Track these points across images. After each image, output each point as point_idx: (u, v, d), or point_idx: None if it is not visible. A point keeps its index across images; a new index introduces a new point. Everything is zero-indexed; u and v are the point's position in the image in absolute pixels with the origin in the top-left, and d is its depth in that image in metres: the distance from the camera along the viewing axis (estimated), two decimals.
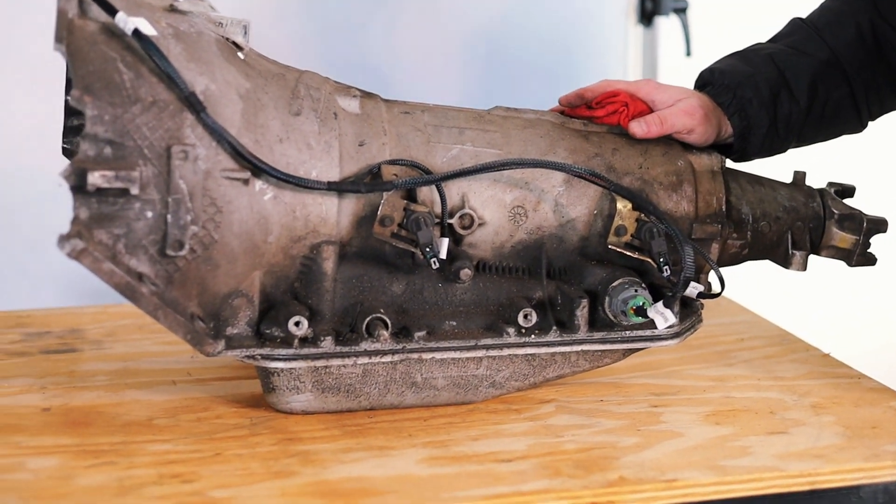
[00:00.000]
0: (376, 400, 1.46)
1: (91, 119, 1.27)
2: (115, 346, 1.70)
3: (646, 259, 1.49)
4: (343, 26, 2.37)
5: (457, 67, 2.46)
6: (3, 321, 1.81)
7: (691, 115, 1.57)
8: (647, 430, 1.43)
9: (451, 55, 2.45)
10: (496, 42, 2.45)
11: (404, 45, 2.42)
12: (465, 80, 2.45)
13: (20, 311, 1.84)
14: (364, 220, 1.42)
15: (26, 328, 1.77)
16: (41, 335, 1.74)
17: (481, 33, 2.44)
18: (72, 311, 1.86)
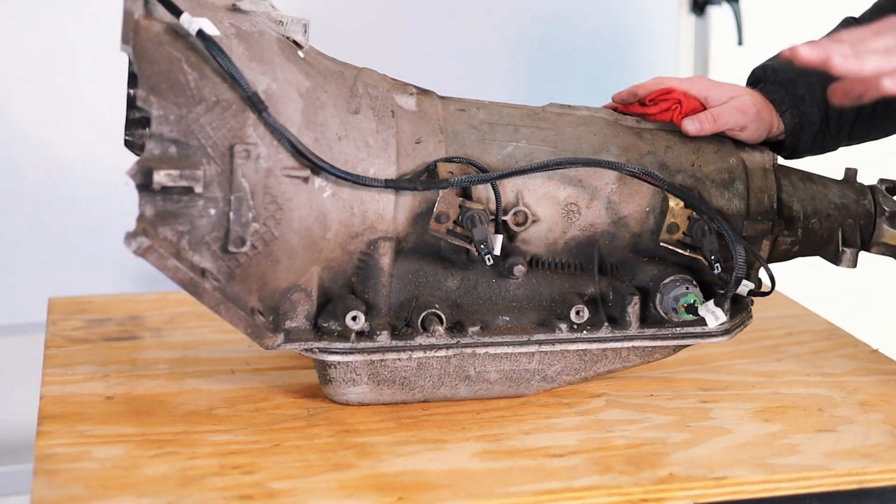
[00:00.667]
0: (430, 392, 1.49)
1: (157, 119, 1.30)
2: (174, 333, 1.74)
3: (697, 257, 1.51)
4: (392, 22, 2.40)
5: (507, 59, 2.47)
6: (66, 307, 1.86)
7: (744, 113, 1.58)
8: (696, 426, 1.45)
9: (501, 46, 2.47)
10: (546, 33, 2.46)
11: (453, 39, 2.44)
12: (516, 71, 2.46)
13: (82, 297, 1.89)
14: (420, 216, 1.45)
15: (88, 314, 1.82)
16: (102, 322, 1.79)
17: (532, 24, 2.45)
18: (131, 298, 1.90)
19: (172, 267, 1.31)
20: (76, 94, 2.22)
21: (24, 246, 2.26)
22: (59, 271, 2.26)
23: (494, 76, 2.46)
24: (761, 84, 1.65)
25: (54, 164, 2.25)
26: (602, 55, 2.49)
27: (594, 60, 2.49)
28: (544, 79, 2.46)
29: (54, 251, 2.27)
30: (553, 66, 2.47)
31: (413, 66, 2.32)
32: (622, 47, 2.51)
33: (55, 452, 1.35)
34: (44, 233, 2.26)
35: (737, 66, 1.77)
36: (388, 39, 2.40)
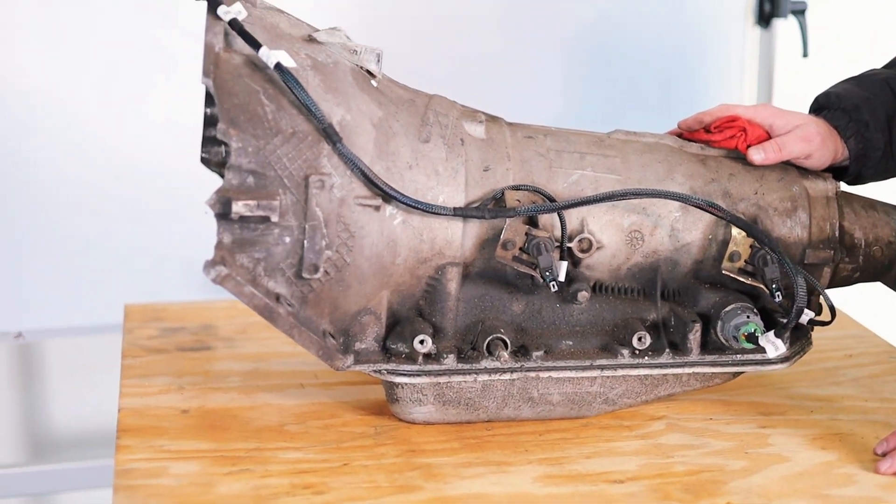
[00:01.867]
0: (494, 413, 1.53)
1: (236, 151, 1.35)
2: (246, 344, 1.79)
3: (758, 285, 1.54)
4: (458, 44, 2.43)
5: (570, 73, 2.49)
6: (141, 314, 1.92)
7: (809, 142, 1.60)
8: (754, 452, 1.48)
9: (564, 60, 2.49)
10: (609, 45, 2.48)
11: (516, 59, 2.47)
12: (579, 83, 2.49)
13: (156, 305, 1.95)
14: (487, 242, 1.49)
15: (162, 322, 1.88)
16: (176, 331, 1.84)
17: (594, 36, 2.47)
18: (205, 306, 1.95)
19: (248, 293, 1.36)
20: (154, 100, 2.27)
21: (99, 249, 2.32)
22: (133, 274, 2.33)
23: (557, 91, 2.49)
24: (825, 111, 1.67)
25: (130, 168, 2.31)
26: (666, 68, 2.51)
27: (658, 74, 2.50)
28: (608, 93, 2.48)
29: (129, 254, 2.33)
30: (617, 80, 2.49)
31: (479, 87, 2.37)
32: (686, 60, 2.52)
33: (134, 468, 1.41)
34: (119, 236, 2.32)
35: (802, 78, 1.78)
36: (455, 62, 2.43)
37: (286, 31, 1.47)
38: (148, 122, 2.30)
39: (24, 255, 2.31)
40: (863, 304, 2.01)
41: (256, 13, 1.46)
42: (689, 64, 2.52)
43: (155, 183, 2.31)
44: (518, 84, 2.48)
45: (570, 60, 2.48)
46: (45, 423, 2.68)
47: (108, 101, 2.28)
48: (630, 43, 2.49)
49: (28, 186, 2.29)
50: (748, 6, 2.53)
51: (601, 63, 2.49)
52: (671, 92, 2.49)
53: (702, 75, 2.53)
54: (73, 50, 2.26)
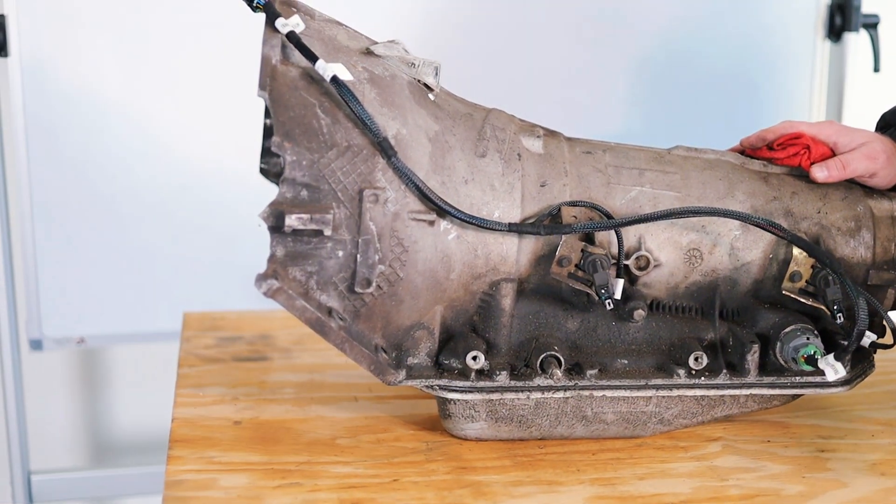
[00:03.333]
0: (547, 431, 1.52)
1: (290, 164, 1.35)
2: (302, 355, 1.79)
3: (820, 306, 1.51)
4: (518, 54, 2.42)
5: (637, 85, 2.47)
6: (199, 323, 1.93)
7: (874, 160, 1.57)
8: (812, 477, 1.45)
9: (630, 72, 2.47)
10: (677, 60, 2.45)
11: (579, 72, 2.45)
12: (646, 98, 2.46)
13: (214, 313, 1.96)
14: (542, 258, 1.48)
15: (220, 332, 1.88)
16: (233, 340, 1.85)
17: (664, 49, 2.45)
18: (262, 315, 1.96)
19: (300, 307, 1.36)
20: (225, 111, 2.29)
21: (164, 257, 2.34)
22: (195, 283, 2.34)
23: (623, 106, 2.46)
24: (891, 129, 1.64)
25: (197, 178, 2.32)
26: (734, 84, 2.48)
27: (726, 89, 2.47)
28: (675, 108, 2.46)
29: (192, 263, 2.34)
30: (684, 96, 2.46)
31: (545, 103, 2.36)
32: (755, 75, 2.49)
33: (184, 479, 1.41)
34: (183, 245, 2.34)
35: (874, 93, 1.74)
36: (522, 77, 2.42)
37: (344, 44, 1.47)
38: (218, 132, 2.31)
39: (89, 262, 2.33)
40: None
41: (315, 25, 1.46)
42: (758, 79, 2.49)
43: (222, 193, 2.32)
44: (584, 99, 2.46)
45: (637, 75, 2.46)
46: (108, 429, 2.71)
47: (178, 111, 2.30)
48: (697, 57, 2.46)
49: (95, 194, 2.31)
50: (818, 20, 2.49)
51: (668, 78, 2.47)
52: (738, 108, 2.46)
53: (770, 91, 2.49)
54: (149, 59, 2.29)
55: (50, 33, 2.24)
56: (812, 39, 2.49)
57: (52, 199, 2.29)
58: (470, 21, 2.39)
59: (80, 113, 2.27)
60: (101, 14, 2.25)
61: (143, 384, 2.65)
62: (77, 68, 2.26)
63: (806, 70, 2.50)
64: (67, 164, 2.28)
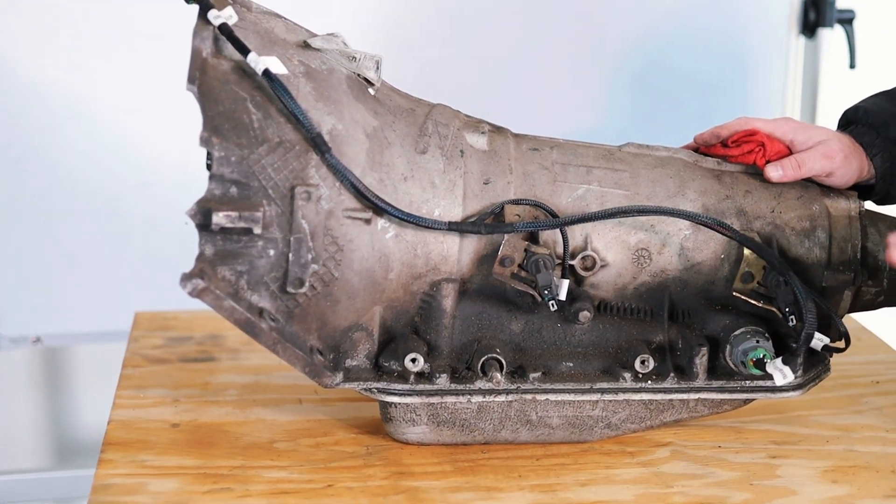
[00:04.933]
0: (491, 435, 1.48)
1: (218, 160, 1.31)
2: (250, 356, 1.75)
3: (771, 308, 1.46)
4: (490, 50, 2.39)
5: (610, 81, 2.44)
6: (150, 322, 1.89)
7: (830, 159, 1.53)
8: (760, 484, 1.41)
9: (603, 68, 2.43)
10: (654, 56, 2.42)
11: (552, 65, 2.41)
12: (621, 95, 2.43)
13: (166, 313, 1.92)
14: (485, 258, 1.44)
15: (170, 332, 1.85)
16: (182, 340, 1.81)
17: (638, 48, 2.41)
18: (215, 315, 1.90)
19: (229, 308, 1.32)
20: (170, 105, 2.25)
21: (121, 255, 2.31)
22: (151, 281, 2.30)
23: (599, 103, 2.43)
24: (852, 126, 1.60)
25: (155, 176, 2.29)
26: (708, 80, 2.44)
27: (700, 85, 2.43)
28: (650, 105, 2.42)
29: (147, 260, 2.31)
30: (660, 93, 2.43)
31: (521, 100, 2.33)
32: (731, 72, 2.45)
33: (112, 483, 1.37)
34: (141, 243, 2.31)
35: (849, 90, 1.70)
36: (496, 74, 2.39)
37: (281, 37, 1.43)
38: (174, 129, 2.28)
39: (46, 261, 2.29)
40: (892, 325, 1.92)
41: (251, 18, 1.42)
42: (732, 76, 2.45)
43: (180, 190, 2.28)
44: (560, 96, 2.42)
45: (612, 72, 2.43)
46: (71, 429, 2.67)
47: (131, 110, 2.27)
48: (672, 55, 2.43)
49: (50, 192, 2.28)
50: (792, 16, 2.45)
51: (643, 76, 2.43)
52: (714, 105, 2.42)
53: (744, 87, 2.45)
54: (100, 58, 2.25)
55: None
56: (786, 36, 2.46)
57: (5, 198, 2.25)
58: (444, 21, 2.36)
59: (33, 111, 2.24)
60: (50, 10, 2.22)
61: (106, 384, 2.61)
62: (30, 66, 2.23)
63: (780, 67, 2.46)
64: (21, 162, 2.25)
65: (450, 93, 1.74)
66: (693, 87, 2.43)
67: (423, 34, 2.34)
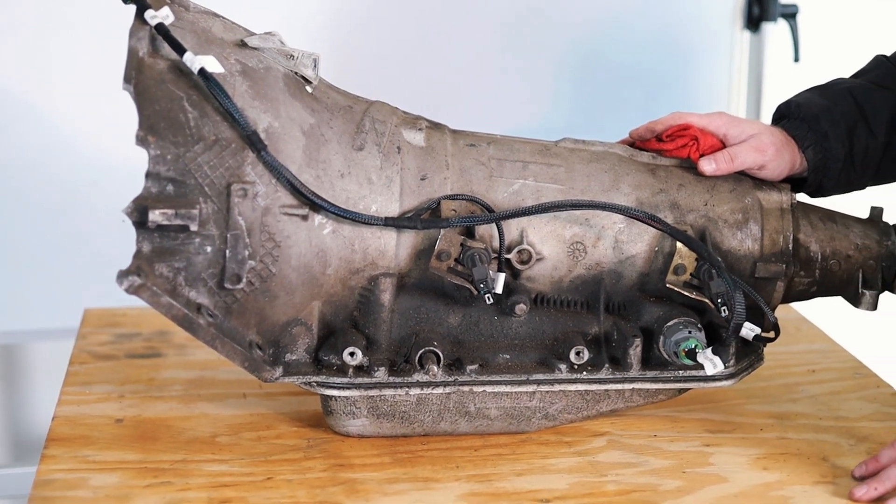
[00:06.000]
0: (430, 427, 1.50)
1: (154, 159, 1.33)
2: (196, 352, 1.77)
3: (703, 299, 1.49)
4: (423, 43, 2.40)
5: (557, 77, 2.46)
6: (99, 319, 1.90)
7: (762, 152, 1.56)
8: (692, 472, 1.44)
9: (548, 63, 2.45)
10: (599, 51, 2.44)
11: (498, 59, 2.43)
12: (567, 89, 2.45)
13: (115, 310, 1.93)
14: (423, 252, 1.46)
15: (118, 328, 1.86)
16: (130, 337, 1.83)
17: (583, 43, 2.43)
18: None
19: (166, 304, 1.33)
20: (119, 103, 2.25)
21: (68, 252, 2.32)
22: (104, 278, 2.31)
23: (545, 98, 2.45)
24: (785, 120, 1.62)
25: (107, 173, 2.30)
26: (654, 75, 2.46)
27: (646, 80, 2.46)
28: (597, 100, 2.44)
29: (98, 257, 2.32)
30: (605, 87, 2.45)
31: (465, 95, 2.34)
32: (674, 66, 2.47)
33: (54, 478, 1.39)
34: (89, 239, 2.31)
35: (793, 83, 1.73)
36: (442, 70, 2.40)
37: (218, 36, 1.44)
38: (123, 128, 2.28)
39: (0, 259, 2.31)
40: (836, 316, 1.95)
41: (189, 17, 1.44)
42: (677, 70, 2.47)
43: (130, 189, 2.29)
44: (504, 91, 2.44)
45: (558, 69, 2.45)
46: (29, 426, 2.68)
47: (81, 108, 2.27)
48: (618, 50, 2.45)
49: (2, 191, 2.28)
50: (737, 10, 2.47)
51: (589, 71, 2.45)
52: (659, 98, 2.45)
53: (690, 81, 2.48)
54: (49, 57, 2.25)
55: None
56: (731, 30, 2.48)
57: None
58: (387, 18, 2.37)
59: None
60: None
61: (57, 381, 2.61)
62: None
63: (725, 61, 2.49)
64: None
65: (394, 90, 1.76)
66: (638, 82, 2.45)
67: (368, 31, 2.36)
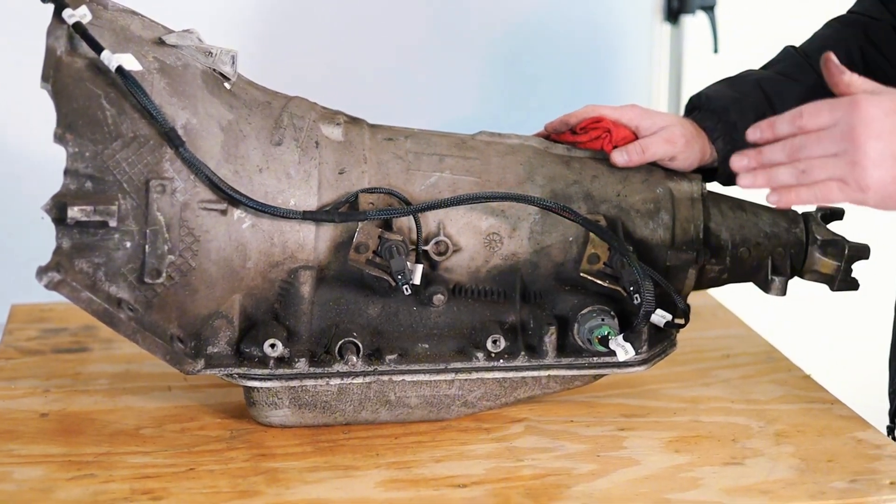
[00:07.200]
0: (352, 416, 1.53)
1: (72, 156, 1.35)
2: (123, 346, 1.78)
3: (616, 288, 1.53)
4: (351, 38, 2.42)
5: (479, 70, 2.49)
6: (26, 315, 1.91)
7: (672, 143, 1.60)
8: (606, 456, 1.48)
9: (473, 57, 2.48)
10: (524, 44, 2.47)
11: (423, 51, 2.46)
12: (490, 84, 2.48)
13: (43, 305, 1.94)
14: (342, 245, 1.49)
15: (45, 323, 1.87)
16: (57, 332, 1.84)
17: (503, 34, 2.47)
18: None
19: (86, 299, 1.35)
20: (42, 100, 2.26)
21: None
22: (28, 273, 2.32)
23: (466, 88, 2.48)
24: (696, 112, 1.67)
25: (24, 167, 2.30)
26: (576, 68, 2.50)
27: (568, 74, 2.50)
28: (520, 94, 2.48)
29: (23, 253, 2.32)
30: (527, 78, 2.49)
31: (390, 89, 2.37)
32: (598, 59, 2.52)
33: None
34: (16, 234, 2.32)
35: (713, 74, 1.77)
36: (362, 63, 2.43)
37: (136, 34, 1.46)
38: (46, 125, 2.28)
39: None
40: (753, 302, 2.00)
41: (107, 16, 1.46)
42: (600, 63, 2.52)
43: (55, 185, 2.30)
44: (429, 85, 2.47)
45: (482, 61, 2.48)
46: None
47: (3, 105, 2.28)
48: (542, 42, 2.49)
49: None
50: (657, 3, 2.52)
51: (515, 64, 2.49)
52: (582, 92, 2.49)
53: (612, 74, 2.52)
54: None
55: None
56: (651, 23, 2.53)
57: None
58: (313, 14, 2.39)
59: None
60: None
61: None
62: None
63: (646, 53, 2.54)
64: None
65: (319, 85, 1.79)
66: (562, 74, 2.49)
67: (292, 27, 2.37)
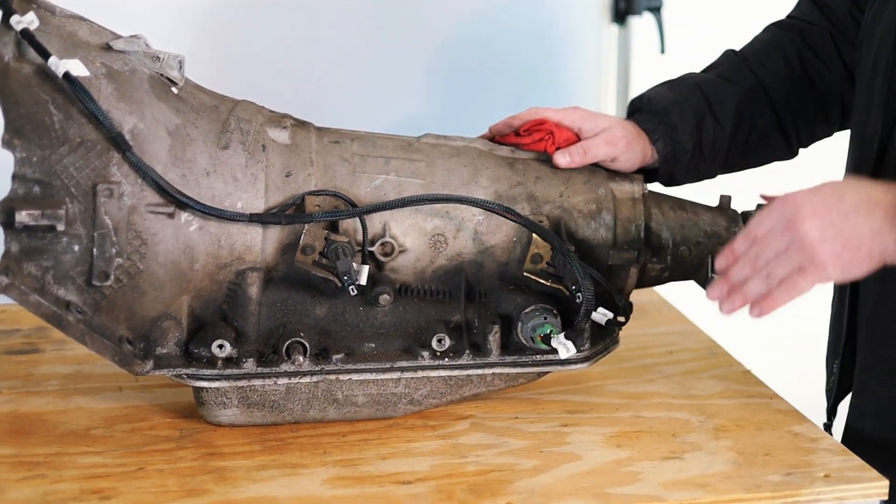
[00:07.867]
0: (300, 415, 1.56)
1: (19, 161, 1.37)
2: (75, 347, 1.80)
3: (559, 287, 1.56)
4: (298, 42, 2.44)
5: (429, 74, 2.51)
6: None
7: (613, 145, 1.64)
8: (549, 451, 1.51)
9: (420, 57, 2.51)
10: (471, 45, 2.50)
11: (370, 51, 2.48)
12: (438, 86, 2.50)
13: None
14: (289, 247, 1.51)
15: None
16: (9, 333, 1.86)
17: (450, 36, 2.49)
18: None
19: (34, 302, 1.37)
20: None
21: None
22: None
23: (412, 90, 2.50)
24: (637, 114, 1.70)
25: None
26: (523, 70, 2.53)
27: (516, 75, 2.52)
28: (469, 93, 2.51)
29: None
30: (478, 81, 2.52)
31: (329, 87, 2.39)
32: (545, 60, 2.54)
33: None
34: None
35: (660, 75, 1.81)
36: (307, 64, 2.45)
37: (84, 40, 1.48)
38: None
39: None
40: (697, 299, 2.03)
41: (55, 22, 1.47)
42: (547, 64, 2.55)
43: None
44: (377, 86, 2.49)
45: (429, 61, 2.50)
46: None
47: None
48: (489, 44, 2.51)
49: None
50: (603, 4, 2.55)
51: (461, 65, 2.51)
52: (530, 91, 2.52)
53: (559, 76, 2.55)
54: None
55: None
56: (598, 23, 2.56)
57: None
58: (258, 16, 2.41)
59: None
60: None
61: None
62: None
63: (593, 54, 2.57)
64: None
65: (267, 87, 1.81)
66: (510, 75, 2.52)
67: (238, 30, 2.39)
